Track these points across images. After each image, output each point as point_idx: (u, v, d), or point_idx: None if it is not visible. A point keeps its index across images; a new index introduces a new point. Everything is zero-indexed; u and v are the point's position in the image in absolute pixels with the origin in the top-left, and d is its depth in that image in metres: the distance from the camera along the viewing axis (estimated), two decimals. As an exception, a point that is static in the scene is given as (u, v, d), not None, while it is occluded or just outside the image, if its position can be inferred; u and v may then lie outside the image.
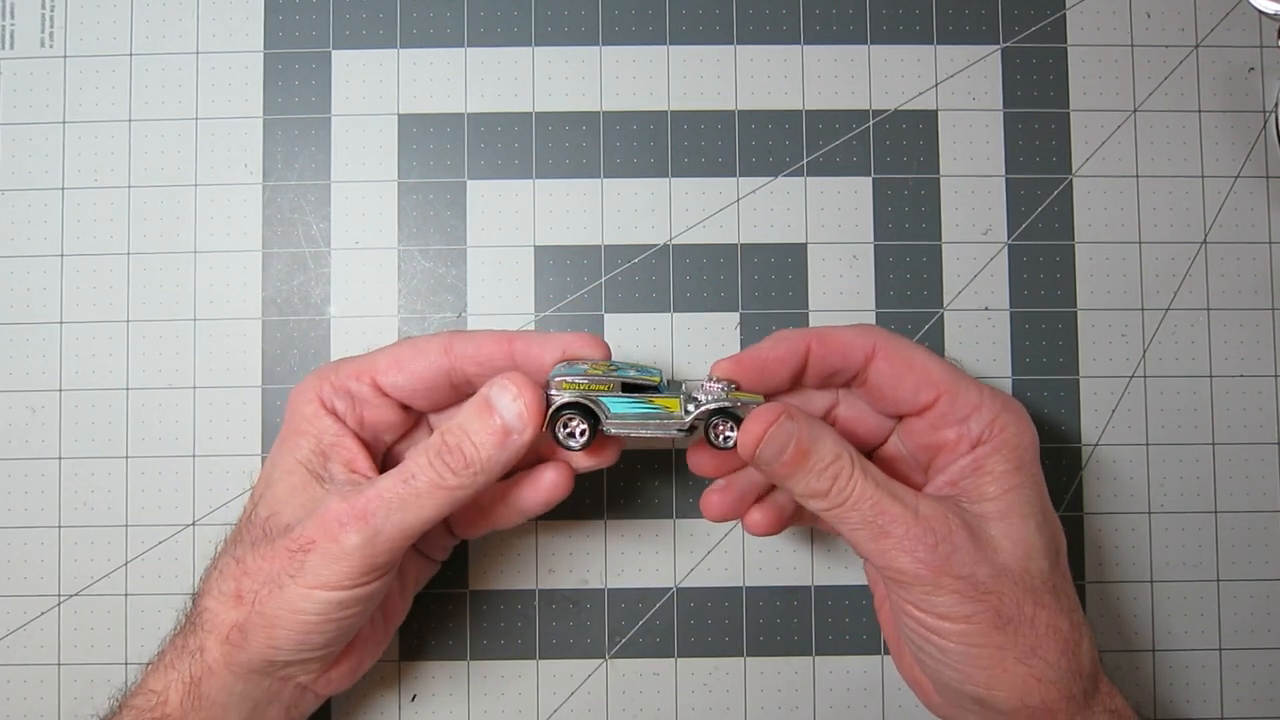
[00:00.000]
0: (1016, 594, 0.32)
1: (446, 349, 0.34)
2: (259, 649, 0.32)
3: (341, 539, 0.31)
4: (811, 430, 0.32)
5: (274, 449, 0.35)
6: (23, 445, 0.41)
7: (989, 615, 0.31)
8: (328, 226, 0.42)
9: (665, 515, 0.41)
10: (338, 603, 0.32)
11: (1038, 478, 0.34)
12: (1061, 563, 0.34)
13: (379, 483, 0.32)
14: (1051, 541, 0.33)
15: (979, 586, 0.31)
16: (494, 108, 0.42)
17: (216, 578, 0.33)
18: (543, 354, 0.34)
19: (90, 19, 0.42)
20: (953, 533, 0.31)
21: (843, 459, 0.32)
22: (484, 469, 0.32)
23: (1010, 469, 0.33)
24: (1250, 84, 0.42)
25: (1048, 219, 0.42)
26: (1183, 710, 0.41)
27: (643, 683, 0.41)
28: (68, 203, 0.42)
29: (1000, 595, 0.31)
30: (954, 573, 0.31)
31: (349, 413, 0.35)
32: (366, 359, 0.35)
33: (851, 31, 0.43)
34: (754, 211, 0.42)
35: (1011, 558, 0.32)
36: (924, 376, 0.34)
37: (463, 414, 0.32)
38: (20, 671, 0.41)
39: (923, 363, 0.34)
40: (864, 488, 0.32)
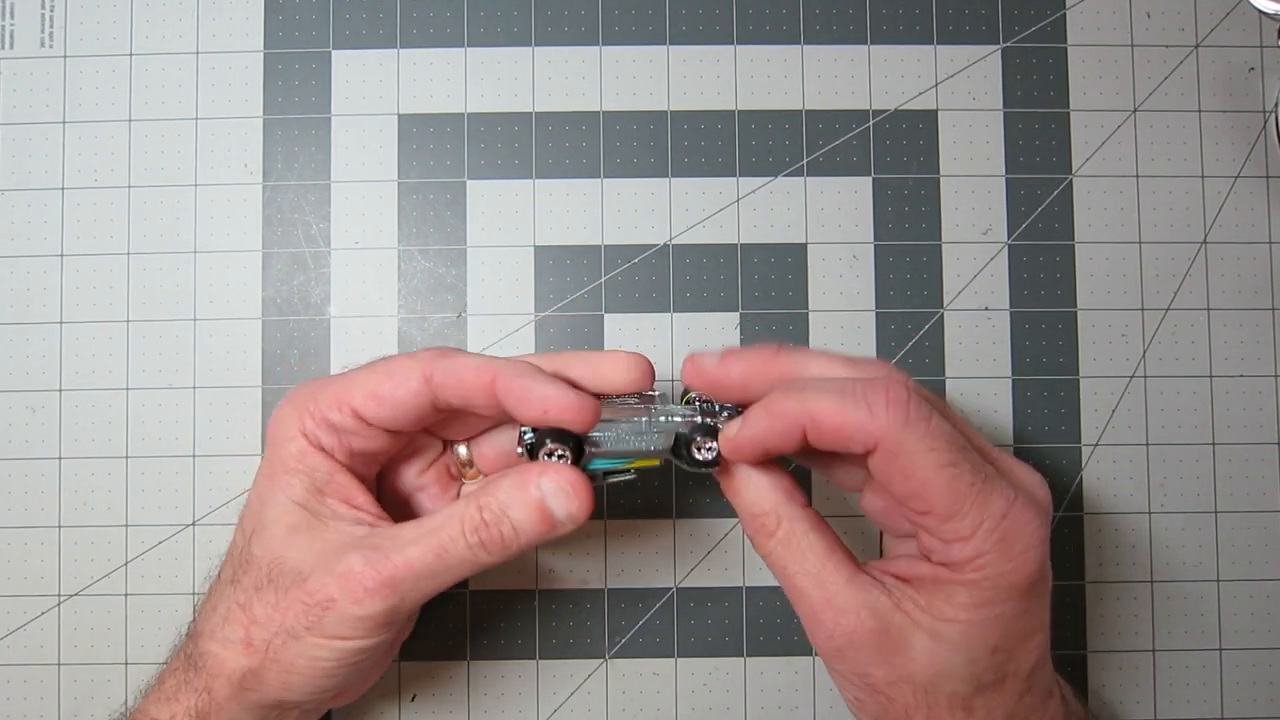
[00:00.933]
0: (910, 702, 0.30)
1: (427, 378, 0.31)
2: (273, 692, 0.32)
3: (366, 604, 0.30)
4: (746, 475, 0.32)
5: (260, 483, 0.33)
6: (23, 445, 0.41)
7: (875, 708, 0.31)
8: (328, 226, 0.42)
9: (665, 515, 0.41)
10: (356, 649, 0.31)
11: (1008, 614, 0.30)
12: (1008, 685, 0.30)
13: (407, 550, 0.30)
14: (992, 671, 0.30)
15: (870, 684, 0.30)
16: (494, 108, 0.42)
17: (220, 623, 0.32)
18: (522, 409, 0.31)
19: (90, 19, 0.42)
20: (856, 632, 0.30)
21: (768, 517, 0.31)
22: (521, 548, 0.31)
23: (970, 603, 0.29)
24: (1250, 84, 0.42)
25: (1048, 219, 0.42)
26: (1183, 710, 0.41)
27: (643, 683, 0.41)
28: (68, 203, 0.42)
29: (890, 699, 0.30)
30: (845, 665, 0.31)
31: (336, 446, 0.32)
32: (343, 385, 0.32)
33: (851, 31, 0.43)
34: (754, 211, 0.42)
35: (922, 671, 0.30)
36: (919, 491, 0.29)
37: (505, 494, 0.31)
38: (20, 671, 0.41)
39: (923, 479, 0.29)
40: (780, 556, 0.31)
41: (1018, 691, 0.31)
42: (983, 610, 0.29)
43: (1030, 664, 0.31)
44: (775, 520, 0.31)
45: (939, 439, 0.29)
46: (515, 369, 0.31)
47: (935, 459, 0.29)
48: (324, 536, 0.32)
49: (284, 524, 0.32)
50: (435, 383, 0.31)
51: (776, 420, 0.30)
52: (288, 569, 0.31)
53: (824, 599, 0.30)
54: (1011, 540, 0.29)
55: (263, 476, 0.33)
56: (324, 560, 0.31)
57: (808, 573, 0.31)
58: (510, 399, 0.30)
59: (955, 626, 0.30)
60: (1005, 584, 0.29)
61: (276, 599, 0.31)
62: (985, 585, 0.29)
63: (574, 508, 0.31)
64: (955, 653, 0.30)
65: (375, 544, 0.31)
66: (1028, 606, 0.30)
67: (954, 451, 0.29)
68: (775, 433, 0.30)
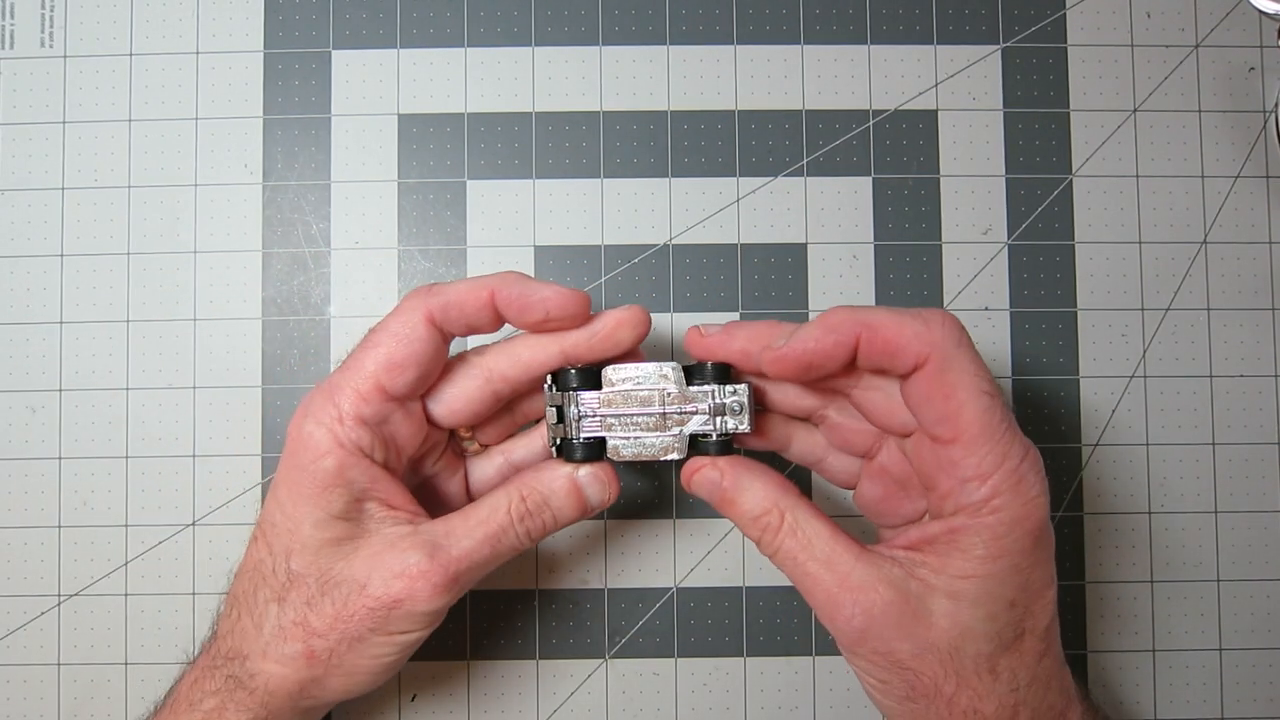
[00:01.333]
0: (937, 672, 0.30)
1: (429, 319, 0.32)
2: (333, 694, 0.33)
3: (434, 599, 0.32)
4: (738, 482, 0.32)
5: (289, 502, 0.32)
6: (23, 445, 0.41)
7: (903, 686, 0.31)
8: (328, 226, 0.42)
9: (665, 515, 0.41)
10: (418, 640, 0.33)
11: (1022, 565, 0.30)
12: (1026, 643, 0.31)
13: (463, 543, 0.32)
14: (1012, 626, 0.31)
15: (896, 660, 0.30)
16: (494, 108, 0.42)
17: (271, 641, 0.32)
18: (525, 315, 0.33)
19: (90, 19, 0.42)
20: (875, 606, 0.30)
21: (770, 514, 0.32)
22: (558, 529, 0.34)
23: (985, 555, 0.30)
24: (1250, 84, 0.42)
25: (1048, 219, 0.42)
26: (1183, 710, 0.41)
27: (643, 683, 0.41)
28: (68, 203, 0.42)
29: (917, 672, 0.30)
30: (869, 645, 0.31)
31: (375, 446, 0.32)
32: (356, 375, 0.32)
33: (851, 31, 0.43)
34: (754, 211, 0.42)
35: (945, 636, 0.30)
36: (952, 412, 0.30)
37: (545, 484, 0.33)
38: (20, 671, 0.41)
39: (962, 399, 0.30)
40: (789, 547, 0.31)
41: (1037, 652, 0.31)
42: (998, 561, 0.30)
43: (1045, 622, 0.31)
44: (779, 515, 0.32)
45: (983, 369, 0.30)
46: (509, 279, 0.32)
47: (978, 384, 0.30)
48: (370, 543, 0.32)
49: (325, 538, 0.32)
50: (438, 319, 0.32)
51: (830, 331, 0.30)
52: (342, 580, 0.32)
53: (838, 580, 0.31)
54: (1025, 485, 0.30)
55: (290, 494, 0.32)
56: (380, 564, 0.32)
57: (818, 558, 0.31)
58: (512, 309, 0.32)
59: (972, 582, 0.30)
60: (1019, 530, 0.30)
61: (336, 610, 0.32)
62: (1000, 530, 0.30)
63: (607, 494, 0.34)
64: (975, 608, 0.30)
65: (431, 540, 0.32)
66: (1038, 559, 0.31)
67: (993, 386, 0.30)
68: (827, 344, 0.31)
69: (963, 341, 0.30)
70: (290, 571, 0.32)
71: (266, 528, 0.33)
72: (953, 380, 0.30)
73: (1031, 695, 0.31)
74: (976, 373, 0.30)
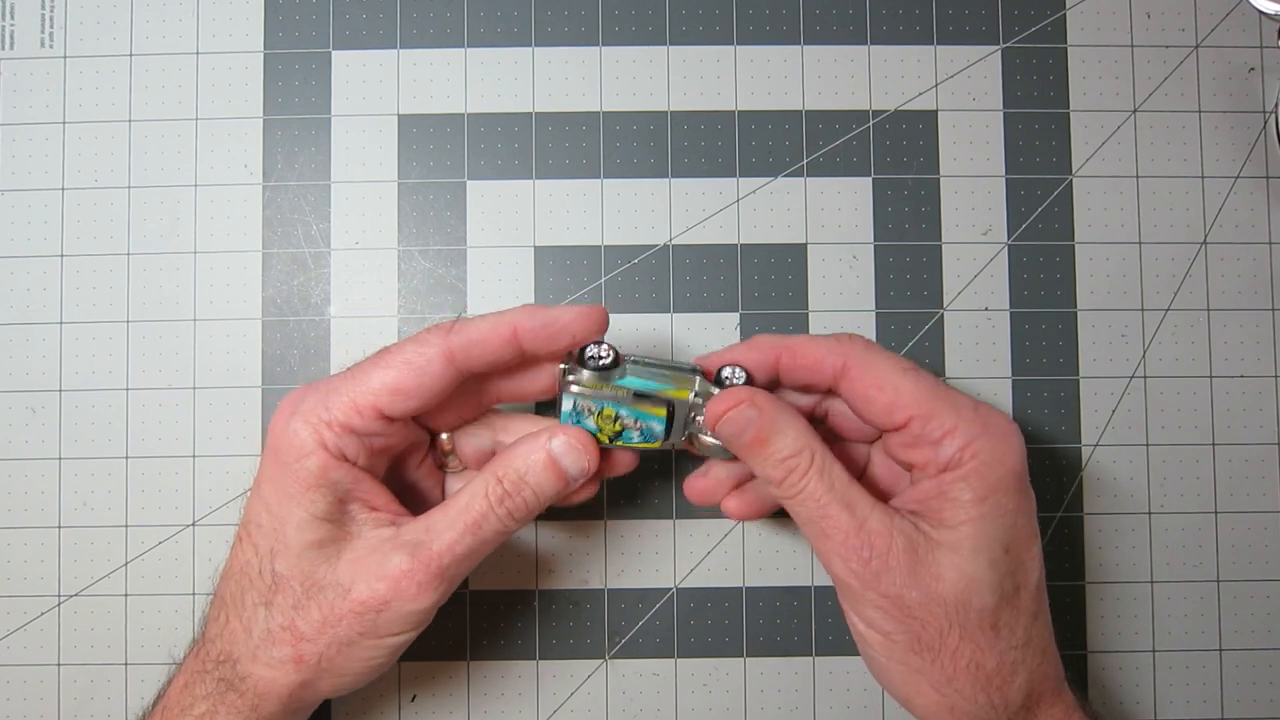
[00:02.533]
0: (942, 624, 0.31)
1: (449, 359, 0.32)
2: (323, 694, 0.33)
3: (421, 599, 0.32)
4: (775, 421, 0.33)
5: (273, 500, 0.32)
6: (23, 445, 0.41)
7: (908, 638, 0.32)
8: (328, 226, 0.42)
9: (665, 515, 0.41)
10: (408, 640, 0.33)
11: (1009, 506, 0.32)
12: (1022, 598, 0.32)
13: (445, 536, 0.32)
14: (1010, 576, 0.32)
15: (904, 609, 0.31)
16: (494, 108, 0.42)
17: (260, 645, 0.32)
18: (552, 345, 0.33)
19: (90, 19, 0.42)
20: (890, 551, 0.31)
21: (802, 455, 0.32)
22: (541, 507, 0.34)
23: (974, 499, 0.32)
24: (1250, 84, 0.42)
25: (1048, 219, 0.42)
26: (1183, 710, 0.41)
27: (643, 683, 0.41)
28: (68, 203, 0.42)
29: (924, 622, 0.31)
30: (881, 590, 0.31)
31: (360, 452, 0.32)
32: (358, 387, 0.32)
33: (851, 31, 0.43)
34: (754, 211, 0.42)
35: (951, 588, 0.31)
36: (894, 399, 0.32)
37: (520, 460, 0.33)
38: (20, 671, 0.41)
39: (894, 383, 0.32)
40: (815, 487, 0.32)
41: (1031, 611, 0.33)
42: (987, 503, 0.31)
43: (1035, 576, 0.33)
44: (809, 455, 0.32)
45: (896, 357, 0.34)
46: (527, 313, 0.33)
47: (899, 366, 0.33)
48: (353, 546, 0.32)
49: (308, 540, 0.32)
50: (459, 358, 0.32)
51: (753, 348, 0.34)
52: (327, 584, 0.32)
53: (857, 524, 0.32)
54: (992, 426, 0.32)
55: (275, 493, 0.32)
56: (364, 568, 0.32)
57: (841, 499, 0.32)
58: (538, 341, 0.32)
59: (967, 527, 0.31)
60: (1001, 469, 0.32)
61: (323, 615, 0.32)
62: (982, 470, 0.32)
63: (585, 462, 0.33)
64: (976, 555, 0.31)
65: (413, 539, 0.32)
66: (1022, 504, 0.32)
67: (910, 363, 0.33)
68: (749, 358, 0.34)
69: (871, 345, 0.34)
70: (275, 574, 0.32)
71: (252, 528, 0.33)
72: (878, 372, 0.33)
73: (1028, 657, 0.32)
74: (892, 360, 0.33)
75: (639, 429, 0.35)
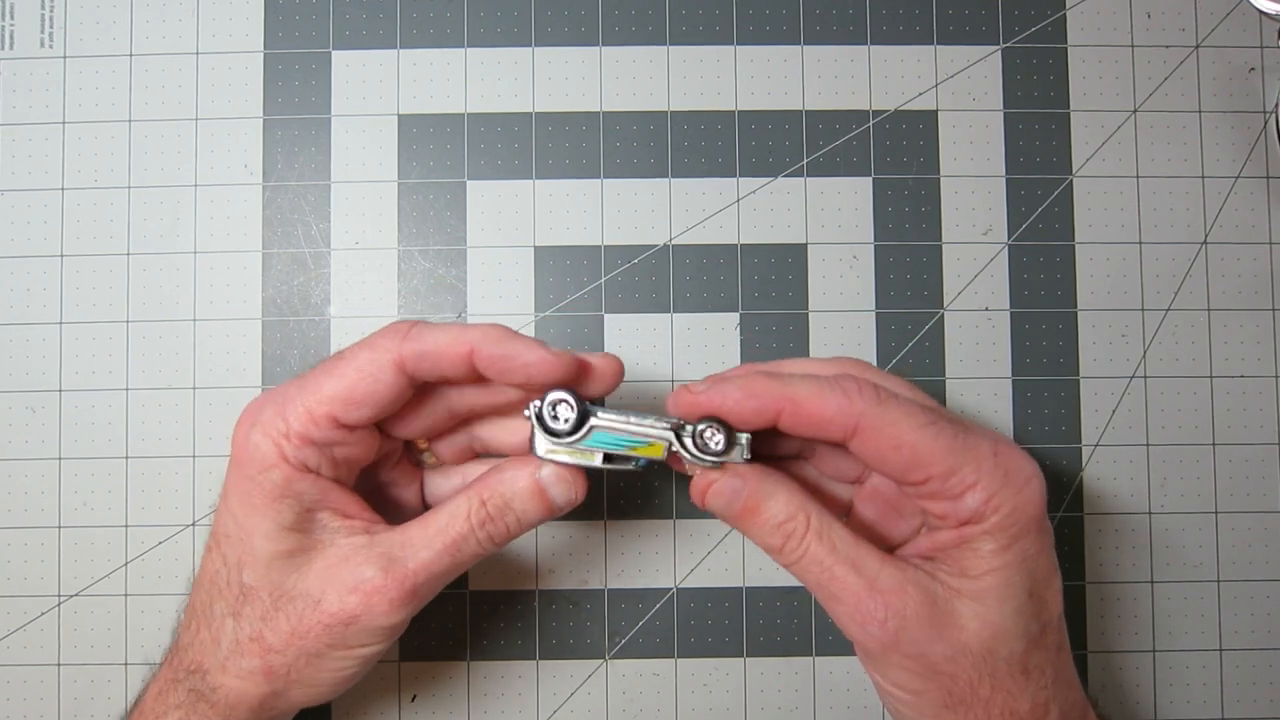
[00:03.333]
0: (972, 676, 0.30)
1: (399, 366, 0.31)
2: (295, 705, 0.33)
3: (391, 614, 0.31)
4: (762, 487, 0.31)
5: (239, 511, 0.31)
6: (23, 445, 0.41)
7: (939, 694, 0.30)
8: (328, 226, 0.42)
9: (665, 515, 0.41)
10: (378, 653, 0.33)
11: (1032, 551, 0.31)
12: (1048, 636, 0.31)
13: (421, 554, 0.31)
14: (1035, 619, 0.31)
15: (930, 666, 0.30)
16: (494, 108, 0.42)
17: (229, 656, 0.31)
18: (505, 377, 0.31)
19: (90, 19, 0.42)
20: (907, 608, 0.30)
21: (796, 519, 0.31)
22: (523, 532, 0.33)
23: (997, 549, 0.30)
24: (1250, 84, 0.42)
25: (1048, 219, 0.42)
26: (1183, 710, 0.41)
27: (643, 683, 0.41)
28: (68, 203, 0.42)
29: (953, 676, 0.30)
30: (903, 650, 0.30)
31: (322, 462, 0.31)
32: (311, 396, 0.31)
33: (851, 31, 0.43)
34: (754, 211, 0.42)
35: (977, 638, 0.30)
36: (911, 459, 0.30)
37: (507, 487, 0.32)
38: (20, 671, 0.41)
39: (911, 442, 0.30)
40: (816, 552, 0.31)
41: (1055, 645, 0.32)
42: (1010, 551, 0.30)
43: (1058, 611, 0.32)
44: (805, 519, 0.31)
45: (912, 407, 0.31)
46: (492, 336, 0.30)
47: (915, 423, 0.30)
48: (324, 555, 0.31)
49: (276, 551, 0.31)
50: (410, 368, 0.31)
51: (751, 397, 0.31)
52: (296, 594, 0.31)
53: (866, 583, 0.30)
54: (1013, 473, 0.30)
55: (241, 504, 0.31)
56: (335, 578, 0.31)
57: (845, 560, 0.30)
58: (493, 369, 0.31)
59: (990, 578, 0.30)
60: (1023, 517, 0.30)
61: (292, 626, 0.31)
62: (1005, 523, 0.30)
63: (573, 494, 0.32)
64: (1000, 605, 0.30)
65: (387, 553, 0.31)
66: (1042, 544, 0.31)
67: (928, 414, 0.31)
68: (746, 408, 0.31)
69: (882, 397, 0.30)
70: (244, 585, 0.31)
71: (221, 538, 0.32)
72: (893, 435, 0.30)
73: (1059, 692, 0.31)
74: (909, 414, 0.30)
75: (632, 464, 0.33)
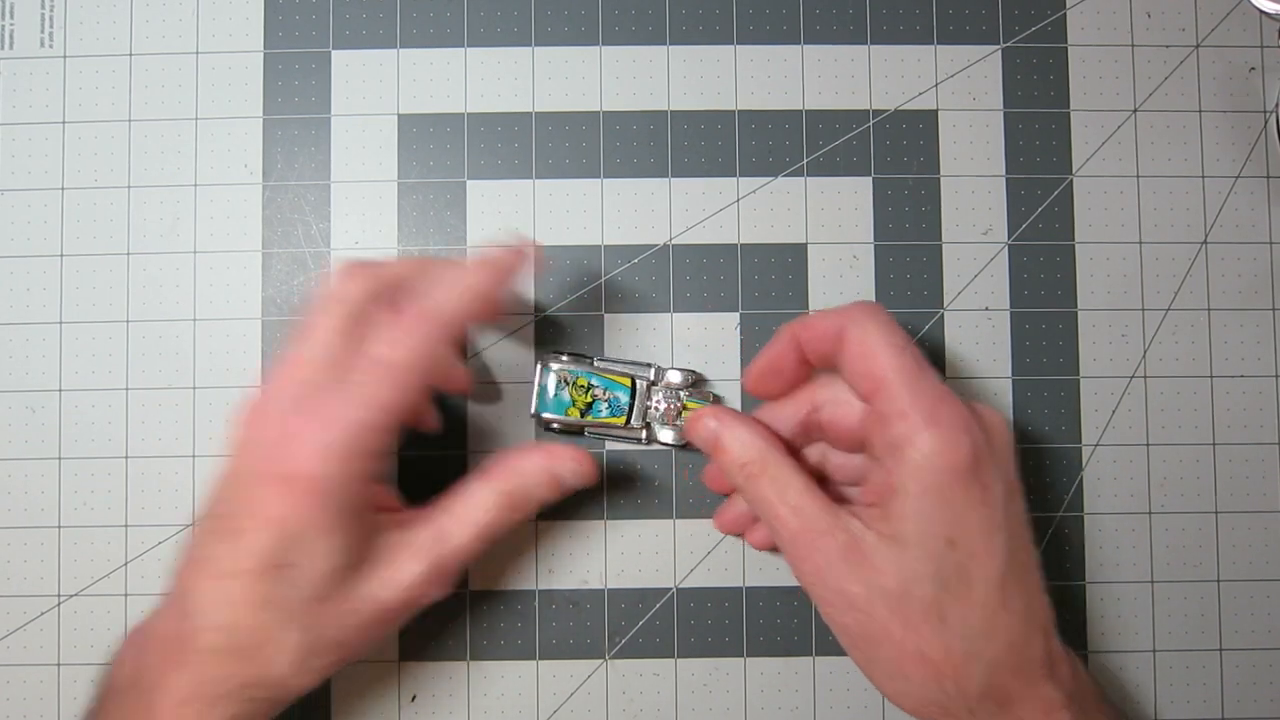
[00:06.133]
0: (885, 615, 0.32)
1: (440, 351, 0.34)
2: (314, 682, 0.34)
3: (429, 599, 0.34)
4: (732, 430, 0.35)
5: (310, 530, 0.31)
6: (23, 445, 0.41)
7: (857, 630, 0.33)
8: (328, 226, 0.42)
9: (665, 515, 0.41)
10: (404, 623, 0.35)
11: (955, 500, 0.32)
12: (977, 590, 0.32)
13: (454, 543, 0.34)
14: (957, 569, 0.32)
15: (849, 601, 0.32)
16: (494, 108, 0.42)
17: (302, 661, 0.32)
18: None
19: (90, 19, 0.42)
20: (832, 550, 0.33)
21: (753, 462, 0.34)
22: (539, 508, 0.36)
23: (918, 491, 0.31)
24: (1250, 84, 0.42)
25: (1048, 219, 0.42)
26: (1183, 710, 0.41)
27: (643, 683, 0.41)
28: (68, 203, 0.42)
29: (869, 614, 0.32)
30: (827, 585, 0.33)
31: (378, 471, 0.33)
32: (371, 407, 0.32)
33: (851, 31, 0.43)
34: (754, 211, 0.42)
35: (893, 580, 0.32)
36: (869, 368, 0.33)
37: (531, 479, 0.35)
38: (20, 671, 0.41)
39: (875, 353, 0.33)
40: (766, 493, 0.34)
41: (991, 604, 0.32)
42: (927, 496, 0.32)
43: (998, 570, 0.32)
44: (761, 465, 0.34)
45: (894, 327, 0.33)
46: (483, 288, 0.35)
47: (888, 340, 0.33)
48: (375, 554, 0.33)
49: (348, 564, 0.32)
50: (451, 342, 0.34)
51: (776, 339, 0.36)
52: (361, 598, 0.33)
53: (802, 524, 0.33)
54: (942, 418, 0.32)
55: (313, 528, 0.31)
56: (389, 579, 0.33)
57: (789, 504, 0.33)
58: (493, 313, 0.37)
59: (909, 521, 0.32)
60: (941, 463, 0.31)
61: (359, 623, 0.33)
62: (924, 464, 0.32)
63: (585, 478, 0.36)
64: (913, 548, 0.32)
65: (425, 546, 0.34)
66: (975, 497, 0.32)
67: (904, 340, 0.33)
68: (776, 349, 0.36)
69: (875, 312, 0.34)
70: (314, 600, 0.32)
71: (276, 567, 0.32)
72: (865, 339, 0.33)
73: (987, 648, 0.32)
74: (885, 330, 0.33)
75: (607, 400, 0.39)
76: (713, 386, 0.42)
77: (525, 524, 0.41)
